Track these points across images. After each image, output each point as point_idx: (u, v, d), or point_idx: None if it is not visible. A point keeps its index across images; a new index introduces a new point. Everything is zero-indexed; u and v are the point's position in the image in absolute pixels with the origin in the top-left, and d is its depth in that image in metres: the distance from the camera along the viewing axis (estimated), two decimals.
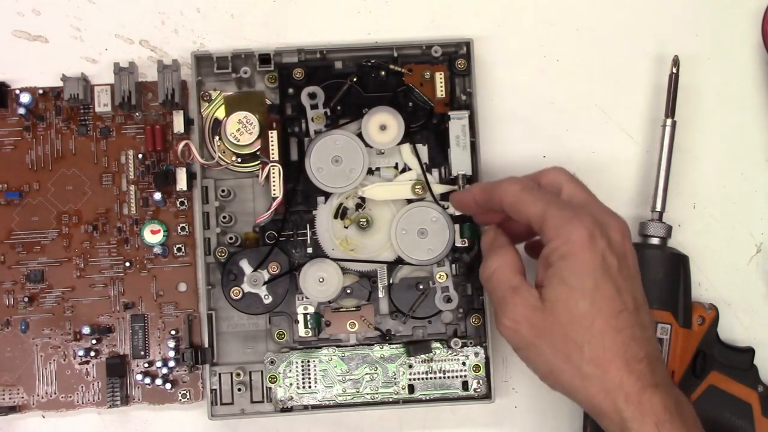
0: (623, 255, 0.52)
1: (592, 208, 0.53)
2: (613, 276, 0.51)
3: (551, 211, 0.52)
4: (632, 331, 0.50)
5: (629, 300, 0.51)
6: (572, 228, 0.51)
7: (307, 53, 0.64)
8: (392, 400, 0.63)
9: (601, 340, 0.50)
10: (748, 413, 0.62)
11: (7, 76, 0.65)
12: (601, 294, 0.50)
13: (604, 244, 0.51)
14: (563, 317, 0.51)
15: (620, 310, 0.50)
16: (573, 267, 0.51)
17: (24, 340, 0.64)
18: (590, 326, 0.50)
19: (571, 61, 0.67)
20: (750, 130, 0.67)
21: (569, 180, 0.55)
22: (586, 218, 0.51)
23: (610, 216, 0.53)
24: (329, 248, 0.63)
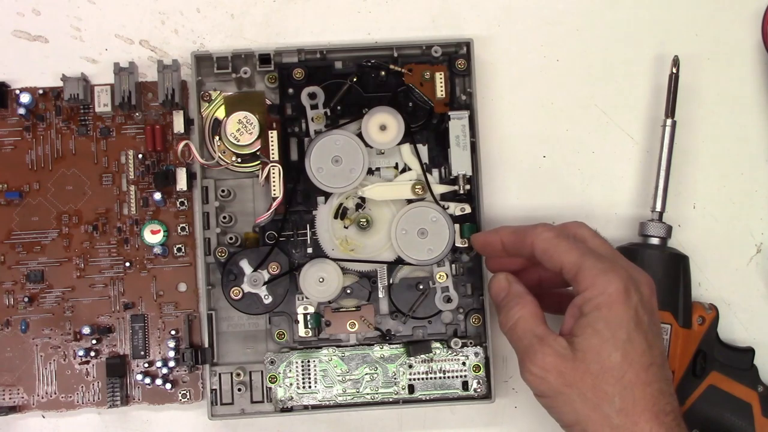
0: (652, 311, 0.53)
1: (623, 263, 0.54)
2: (644, 330, 0.52)
3: (588, 261, 0.52)
4: (660, 385, 0.51)
5: (658, 355, 0.52)
6: (609, 280, 0.51)
7: (307, 53, 0.64)
8: (392, 400, 0.63)
9: (632, 393, 0.51)
10: (748, 413, 0.62)
11: (7, 76, 0.65)
12: (633, 347, 0.51)
13: (637, 299, 0.52)
14: (594, 367, 0.51)
15: (650, 364, 0.51)
16: (608, 318, 0.51)
17: (24, 340, 0.64)
18: (621, 378, 0.51)
19: (571, 61, 0.67)
20: (750, 130, 0.67)
21: (594, 235, 0.55)
22: (621, 272, 0.52)
23: (639, 272, 0.54)
24: (329, 248, 0.63)
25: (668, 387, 0.52)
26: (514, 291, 0.56)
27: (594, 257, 0.53)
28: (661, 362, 0.52)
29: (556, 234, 0.54)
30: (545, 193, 0.66)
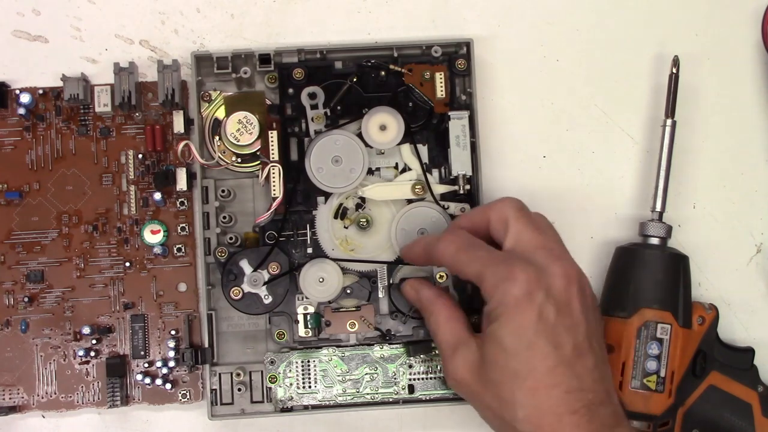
0: (566, 302, 0.52)
1: (535, 255, 0.53)
2: (549, 330, 0.51)
3: (488, 271, 0.53)
4: (568, 383, 0.51)
5: (567, 351, 0.51)
6: (506, 288, 0.52)
7: (307, 53, 0.64)
8: (392, 400, 0.63)
9: (533, 399, 0.51)
10: (748, 413, 0.62)
11: (7, 76, 0.65)
12: (533, 353, 0.51)
13: (542, 296, 0.52)
14: (497, 377, 0.52)
15: (555, 366, 0.51)
16: (507, 328, 0.52)
17: (24, 340, 0.64)
18: (522, 386, 0.51)
19: (571, 61, 0.67)
20: (750, 130, 0.67)
21: (517, 217, 0.55)
22: (521, 274, 0.52)
23: (555, 261, 0.53)
24: (329, 248, 0.63)
25: (580, 382, 0.51)
26: (423, 297, 0.59)
27: (495, 264, 0.53)
28: (572, 357, 0.51)
29: (457, 247, 0.55)
30: (545, 193, 0.66)
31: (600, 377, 0.52)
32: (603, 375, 0.53)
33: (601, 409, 0.51)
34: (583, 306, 0.53)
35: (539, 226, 0.55)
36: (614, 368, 0.61)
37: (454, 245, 0.55)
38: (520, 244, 0.54)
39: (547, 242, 0.54)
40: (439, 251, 0.56)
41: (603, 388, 0.52)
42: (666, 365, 0.60)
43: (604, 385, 0.52)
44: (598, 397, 0.52)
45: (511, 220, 0.55)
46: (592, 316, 0.54)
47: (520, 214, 0.55)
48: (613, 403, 0.52)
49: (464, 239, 0.56)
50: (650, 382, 0.60)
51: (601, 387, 0.52)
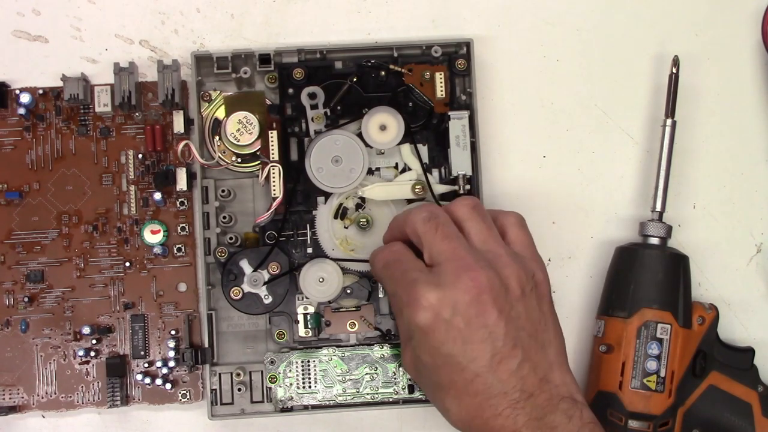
0: (477, 314, 0.52)
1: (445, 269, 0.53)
2: (460, 347, 0.52)
3: (395, 296, 0.55)
4: (489, 391, 0.52)
5: (484, 362, 0.52)
6: (410, 315, 0.53)
7: (307, 53, 0.64)
8: (392, 400, 0.63)
9: (459, 406, 0.53)
10: (748, 413, 0.62)
11: (7, 76, 0.65)
12: (448, 369, 0.53)
13: (448, 315, 0.52)
14: (427, 383, 0.55)
15: (473, 378, 0.52)
16: (420, 348, 0.54)
17: (24, 340, 0.64)
18: (447, 395, 0.53)
19: (571, 61, 0.67)
20: (750, 130, 0.67)
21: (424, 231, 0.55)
22: (423, 301, 0.52)
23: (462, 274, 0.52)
24: (329, 248, 0.63)
25: (502, 386, 0.52)
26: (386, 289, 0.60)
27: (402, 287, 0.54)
28: (488, 365, 0.52)
29: (383, 263, 0.57)
30: (545, 193, 0.66)
31: (530, 370, 0.53)
32: (535, 365, 0.53)
33: (530, 401, 0.52)
34: (501, 308, 0.52)
35: (447, 234, 0.54)
36: (614, 368, 0.61)
37: (381, 261, 0.57)
38: (433, 258, 0.54)
39: (456, 251, 0.54)
40: (372, 267, 0.59)
41: (533, 381, 0.52)
42: (666, 365, 0.60)
43: (535, 376, 0.53)
44: (526, 392, 0.52)
45: (421, 235, 0.55)
46: (519, 309, 0.53)
47: (427, 227, 0.55)
48: (546, 390, 0.53)
49: (392, 255, 0.57)
50: (650, 382, 0.60)
51: (531, 380, 0.52)
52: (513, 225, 0.57)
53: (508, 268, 0.54)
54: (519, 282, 0.54)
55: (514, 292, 0.53)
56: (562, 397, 0.53)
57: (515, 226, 0.57)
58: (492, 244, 0.55)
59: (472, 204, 0.57)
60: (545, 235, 0.65)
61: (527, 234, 0.57)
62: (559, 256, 0.66)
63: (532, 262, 0.56)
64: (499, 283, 0.53)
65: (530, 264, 0.55)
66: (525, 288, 0.54)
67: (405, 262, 0.55)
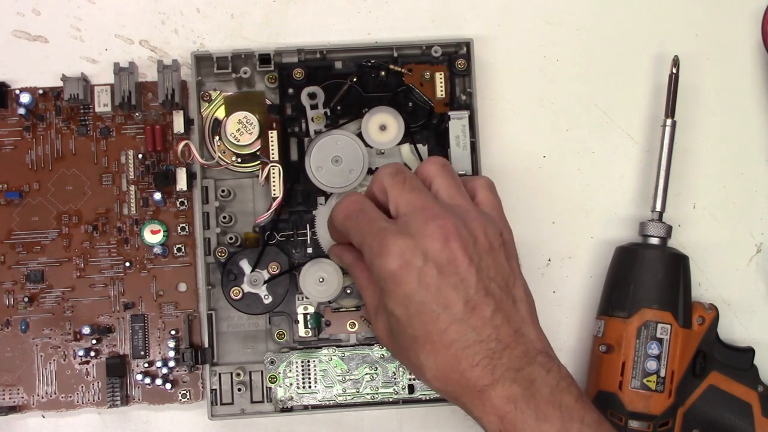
0: (448, 260, 0.51)
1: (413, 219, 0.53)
2: (433, 293, 0.51)
3: (364, 245, 0.53)
4: (464, 339, 0.51)
5: (458, 309, 0.51)
6: (380, 264, 0.52)
7: (307, 53, 0.64)
8: (392, 400, 0.63)
9: (435, 360, 0.52)
10: (748, 413, 0.62)
11: (7, 76, 0.65)
12: (424, 318, 0.52)
13: (419, 262, 0.51)
14: (402, 343, 0.53)
15: (447, 326, 0.51)
16: (392, 301, 0.52)
17: (24, 340, 0.64)
18: (423, 349, 0.52)
19: (571, 61, 0.67)
20: (750, 130, 0.67)
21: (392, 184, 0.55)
22: (393, 248, 0.52)
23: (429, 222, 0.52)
24: (328, 247, 0.63)
25: (477, 334, 0.51)
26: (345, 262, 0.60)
27: (371, 236, 0.53)
28: (464, 312, 0.51)
29: (345, 214, 0.55)
30: (545, 193, 0.66)
31: (504, 320, 0.52)
32: (508, 317, 0.52)
33: (507, 353, 0.51)
34: (471, 257, 0.52)
35: (414, 186, 0.54)
36: (614, 368, 0.61)
37: (342, 213, 0.56)
38: (399, 210, 0.54)
39: (423, 202, 0.53)
40: (332, 219, 0.57)
41: (508, 331, 0.52)
42: (666, 365, 0.60)
43: (509, 328, 0.52)
44: (502, 342, 0.52)
45: (388, 188, 0.55)
46: (488, 261, 0.53)
47: (395, 180, 0.55)
48: (522, 343, 0.52)
49: (353, 205, 0.55)
50: (650, 382, 0.60)
51: (505, 331, 0.52)
52: (482, 187, 0.57)
53: (475, 222, 0.53)
54: (486, 236, 0.53)
55: (483, 245, 0.53)
56: (539, 351, 0.52)
57: (484, 189, 0.57)
58: (460, 199, 0.55)
59: (442, 162, 0.56)
60: (545, 235, 0.66)
61: (496, 197, 0.57)
62: (559, 256, 0.66)
63: (500, 222, 0.56)
64: (467, 233, 0.52)
65: (499, 223, 0.55)
66: (493, 243, 0.53)
67: (369, 212, 0.54)
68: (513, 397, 0.51)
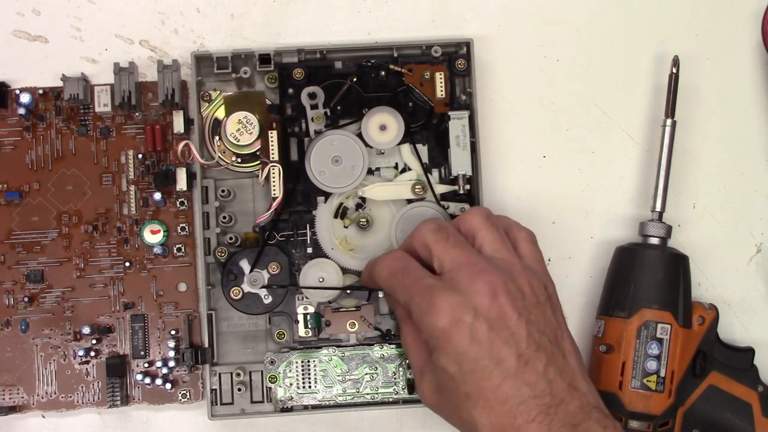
0: (497, 316, 0.52)
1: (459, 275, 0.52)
2: (486, 349, 0.51)
3: (412, 303, 0.53)
4: (519, 395, 0.51)
5: (511, 363, 0.51)
6: (430, 322, 0.52)
7: (307, 53, 0.64)
8: (392, 400, 0.63)
9: (490, 417, 0.51)
10: (748, 413, 0.62)
11: (7, 76, 0.65)
12: (477, 375, 0.51)
13: (470, 319, 0.51)
14: (454, 400, 0.53)
15: (501, 382, 0.51)
16: (444, 358, 0.52)
17: (24, 340, 0.64)
18: (476, 405, 0.52)
19: (571, 61, 0.67)
20: (750, 130, 0.67)
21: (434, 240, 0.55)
22: (443, 305, 0.52)
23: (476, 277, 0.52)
24: (328, 247, 0.63)
25: (531, 389, 0.51)
26: (397, 315, 0.60)
27: (418, 295, 0.53)
28: (517, 367, 0.51)
29: (389, 272, 0.56)
30: (545, 193, 0.66)
31: (557, 374, 0.52)
32: (560, 371, 0.52)
33: (562, 408, 0.51)
34: (520, 311, 0.52)
35: (458, 242, 0.54)
36: (614, 368, 0.61)
37: (386, 270, 0.56)
38: (444, 266, 0.54)
39: (469, 258, 0.54)
40: (374, 276, 0.57)
41: (561, 386, 0.52)
42: (666, 365, 0.60)
43: (562, 381, 0.52)
44: (556, 397, 0.51)
45: (431, 245, 0.55)
46: (537, 314, 0.53)
47: (438, 237, 0.55)
48: (577, 397, 0.52)
49: (397, 263, 0.56)
50: (650, 382, 0.60)
51: (559, 385, 0.52)
52: (525, 240, 0.57)
53: (521, 276, 0.53)
54: (533, 290, 0.53)
55: (530, 299, 0.53)
56: (593, 407, 0.52)
57: (527, 241, 0.57)
58: (505, 253, 0.55)
59: (485, 214, 0.57)
60: (545, 235, 0.65)
61: (538, 251, 0.57)
62: (559, 256, 0.66)
63: (544, 275, 0.56)
64: (514, 288, 0.53)
65: (542, 277, 0.55)
66: (539, 296, 0.54)
67: (414, 270, 0.55)
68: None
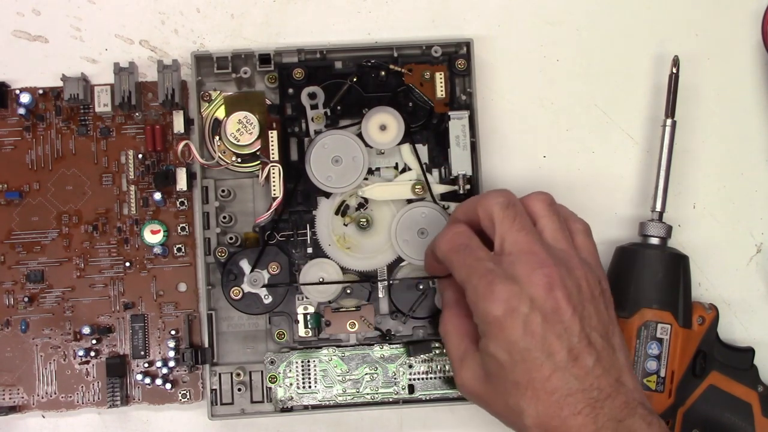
0: (552, 309, 0.52)
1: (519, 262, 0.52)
2: (538, 341, 0.51)
3: (470, 284, 0.53)
4: (567, 387, 0.51)
5: (562, 357, 0.51)
6: (486, 308, 0.52)
7: (307, 53, 0.64)
8: (392, 400, 0.63)
9: (536, 407, 0.52)
10: (748, 413, 0.62)
11: (7, 76, 0.65)
12: (528, 365, 0.51)
13: (525, 310, 0.51)
14: (501, 388, 0.53)
15: (551, 373, 0.51)
16: (495, 345, 0.52)
17: (24, 340, 0.64)
18: (524, 395, 0.52)
19: (571, 61, 0.67)
20: (750, 130, 0.67)
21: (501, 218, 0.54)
22: (502, 294, 0.52)
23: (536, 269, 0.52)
24: (326, 243, 0.63)
25: (580, 383, 0.51)
26: (443, 300, 0.59)
27: (477, 276, 0.53)
28: (568, 360, 0.51)
29: (450, 247, 0.55)
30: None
31: (604, 371, 0.52)
32: (608, 366, 0.52)
33: (608, 402, 0.51)
34: (575, 306, 0.52)
35: (524, 226, 0.54)
36: None
37: (448, 244, 0.55)
38: (506, 247, 0.54)
39: (531, 246, 0.53)
40: (436, 249, 0.56)
41: (609, 381, 0.52)
42: (666, 365, 0.60)
43: (610, 377, 0.52)
44: (603, 392, 0.51)
45: (497, 221, 0.54)
46: (590, 309, 0.53)
47: (505, 214, 0.54)
48: (623, 393, 0.52)
49: (459, 238, 0.55)
50: (650, 382, 0.60)
51: (606, 381, 0.52)
52: (581, 232, 0.57)
53: (578, 270, 0.54)
54: (588, 284, 0.54)
55: (585, 294, 0.53)
56: (639, 403, 0.52)
57: (583, 234, 0.57)
58: (564, 243, 0.55)
59: (549, 200, 0.56)
60: None
61: (593, 243, 0.57)
62: None
63: (598, 270, 0.56)
64: (571, 282, 0.53)
65: (597, 271, 0.55)
66: (594, 291, 0.54)
67: (476, 249, 0.54)
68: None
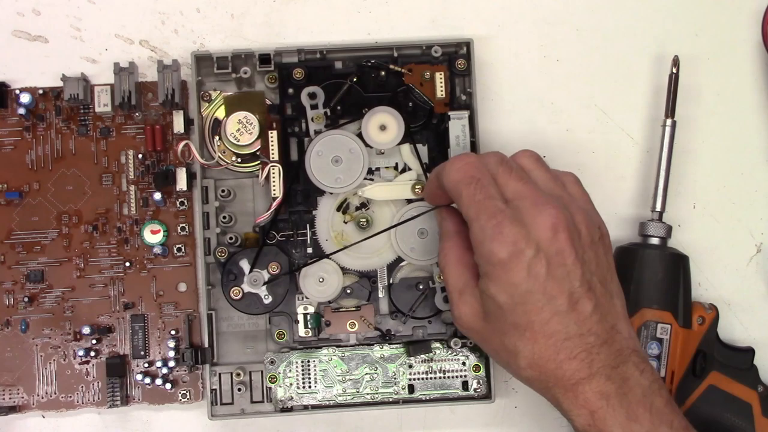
0: (556, 252, 0.52)
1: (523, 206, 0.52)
2: (540, 285, 0.51)
3: (477, 222, 0.52)
4: (566, 331, 0.51)
5: (562, 301, 0.51)
6: (492, 249, 0.52)
7: (307, 53, 0.64)
8: (392, 400, 0.63)
9: (533, 348, 0.52)
10: (748, 413, 0.62)
11: (7, 76, 0.65)
12: (528, 308, 0.52)
13: (531, 252, 0.51)
14: (498, 326, 0.53)
15: (550, 317, 0.51)
16: (497, 286, 0.52)
17: (24, 340, 0.64)
18: (522, 336, 0.52)
19: (571, 61, 0.67)
20: (750, 130, 0.67)
21: (500, 172, 0.54)
22: (509, 236, 0.51)
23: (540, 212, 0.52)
24: (323, 239, 0.62)
25: (578, 328, 0.51)
26: (443, 229, 0.58)
27: (486, 216, 0.52)
28: (568, 305, 0.51)
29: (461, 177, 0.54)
30: None
31: (601, 317, 0.52)
32: (605, 313, 0.52)
33: (604, 348, 0.52)
34: (577, 250, 0.52)
35: (521, 176, 0.54)
36: None
37: (459, 173, 0.54)
38: (506, 196, 0.54)
39: (531, 192, 0.53)
40: (443, 177, 0.55)
41: (605, 327, 0.52)
42: (666, 365, 0.60)
43: (606, 323, 0.52)
44: (600, 338, 0.52)
45: (495, 175, 0.54)
46: (590, 254, 0.53)
47: (503, 168, 0.54)
48: (618, 340, 0.52)
49: (471, 169, 0.54)
50: None
51: (603, 327, 0.52)
52: (572, 183, 0.57)
53: (578, 214, 0.54)
54: (588, 228, 0.54)
55: (585, 238, 0.53)
56: (632, 350, 0.53)
57: (574, 184, 0.57)
58: (559, 191, 0.55)
59: (536, 156, 0.56)
60: None
61: (586, 192, 0.57)
62: None
63: (596, 216, 0.56)
64: (573, 225, 0.53)
65: (595, 216, 0.55)
66: (594, 236, 0.54)
67: (487, 186, 0.53)
68: (606, 393, 0.51)
